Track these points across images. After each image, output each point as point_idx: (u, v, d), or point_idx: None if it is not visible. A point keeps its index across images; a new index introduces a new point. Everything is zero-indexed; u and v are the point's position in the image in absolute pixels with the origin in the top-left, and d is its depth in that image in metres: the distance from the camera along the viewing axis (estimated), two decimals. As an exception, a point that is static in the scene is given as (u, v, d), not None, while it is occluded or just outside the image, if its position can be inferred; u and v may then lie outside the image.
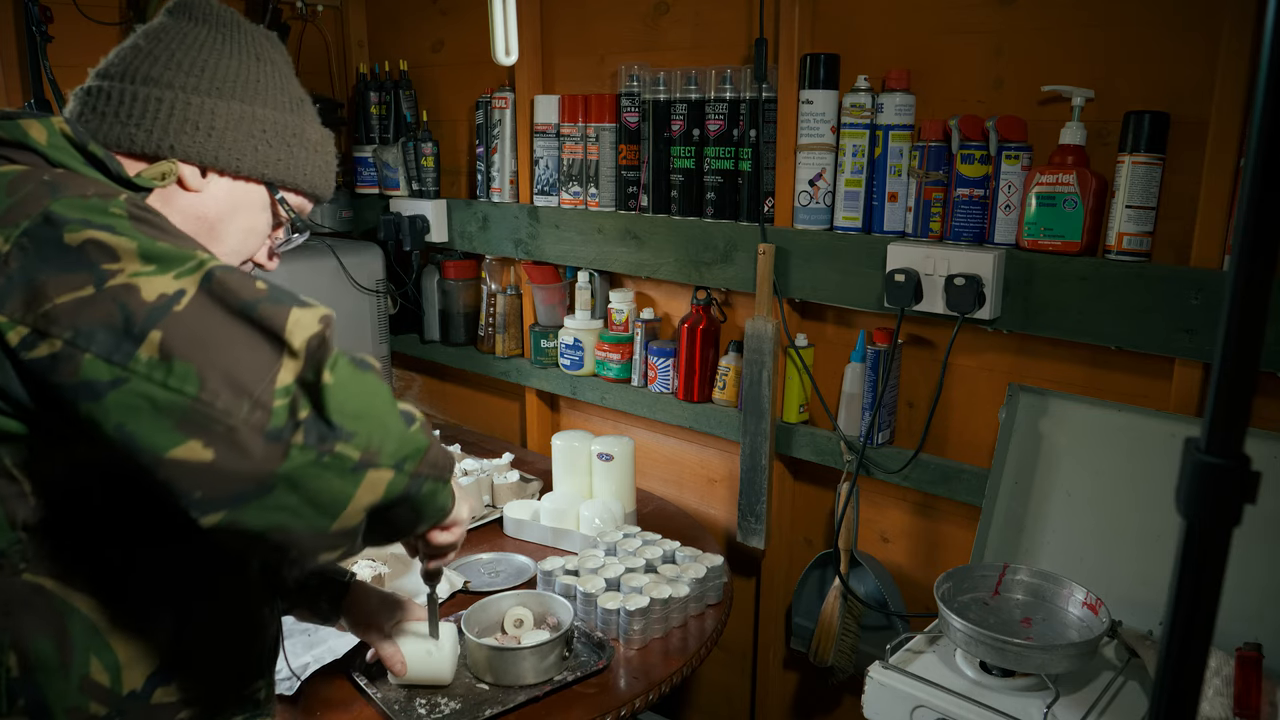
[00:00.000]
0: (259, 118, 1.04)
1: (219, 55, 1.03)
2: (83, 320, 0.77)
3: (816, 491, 2.09)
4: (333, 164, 1.16)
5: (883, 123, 1.77)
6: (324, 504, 0.81)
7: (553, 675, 1.46)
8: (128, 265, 0.80)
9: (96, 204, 0.83)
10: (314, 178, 1.12)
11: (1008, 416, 1.67)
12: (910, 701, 1.40)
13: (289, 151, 1.07)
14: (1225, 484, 0.54)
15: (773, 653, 2.21)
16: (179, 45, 1.01)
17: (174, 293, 0.79)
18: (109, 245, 0.80)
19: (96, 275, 0.79)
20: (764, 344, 1.96)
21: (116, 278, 0.79)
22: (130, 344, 0.77)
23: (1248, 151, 0.51)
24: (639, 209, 2.18)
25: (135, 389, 0.76)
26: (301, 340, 0.81)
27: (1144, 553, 1.53)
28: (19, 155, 0.91)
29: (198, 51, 1.02)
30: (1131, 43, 1.54)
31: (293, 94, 1.09)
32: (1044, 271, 1.59)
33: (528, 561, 1.83)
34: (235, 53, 1.04)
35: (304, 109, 1.10)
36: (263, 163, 1.05)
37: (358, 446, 0.81)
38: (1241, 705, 1.26)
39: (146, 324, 0.78)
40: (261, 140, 1.04)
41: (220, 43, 1.04)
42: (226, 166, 1.03)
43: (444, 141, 2.66)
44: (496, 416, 2.80)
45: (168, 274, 0.80)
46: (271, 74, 1.07)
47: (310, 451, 0.79)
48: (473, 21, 2.52)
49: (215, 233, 1.06)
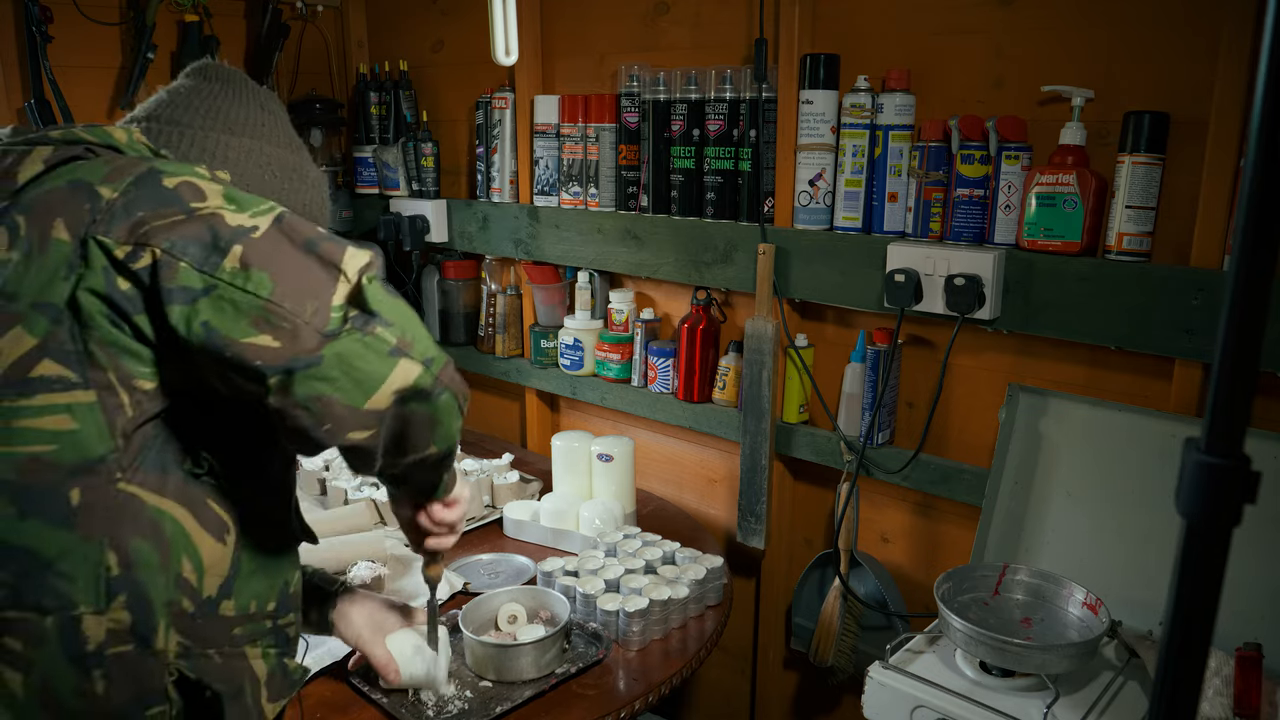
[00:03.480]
0: (265, 152, 1.18)
1: (229, 102, 1.18)
2: (177, 234, 0.92)
3: (816, 492, 2.09)
4: (328, 202, 1.30)
5: (883, 123, 1.77)
6: (361, 379, 0.94)
7: (554, 669, 1.47)
8: (213, 202, 0.95)
9: (187, 167, 1.00)
10: (313, 209, 1.25)
11: (1008, 416, 1.67)
12: (910, 701, 1.40)
13: (292, 183, 1.21)
14: (1225, 484, 0.54)
15: (773, 653, 2.21)
16: (196, 96, 1.17)
17: (250, 225, 0.94)
18: (199, 187, 0.96)
19: (186, 207, 0.94)
20: (764, 344, 1.96)
21: (205, 208, 0.94)
22: (217, 256, 0.92)
23: (1248, 151, 0.51)
24: (639, 209, 2.18)
25: (221, 294, 0.91)
26: (355, 269, 0.96)
27: (1144, 553, 1.53)
28: (105, 153, 1.03)
29: (211, 99, 1.17)
30: (1131, 43, 1.54)
31: (292, 139, 1.24)
32: (1044, 271, 1.59)
33: (527, 562, 1.83)
34: (244, 102, 1.19)
35: (302, 152, 1.25)
36: (270, 191, 1.17)
37: (394, 333, 0.96)
38: (1241, 705, 1.26)
39: (230, 241, 0.92)
40: (268, 171, 1.18)
41: (231, 94, 1.19)
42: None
43: (444, 141, 2.66)
44: (496, 417, 2.80)
45: (245, 212, 0.95)
46: (274, 121, 1.22)
47: (355, 333, 0.94)
48: (473, 21, 2.52)
49: None
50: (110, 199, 0.94)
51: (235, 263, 0.92)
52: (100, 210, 0.93)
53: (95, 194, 0.94)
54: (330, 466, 2.13)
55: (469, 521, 2.00)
